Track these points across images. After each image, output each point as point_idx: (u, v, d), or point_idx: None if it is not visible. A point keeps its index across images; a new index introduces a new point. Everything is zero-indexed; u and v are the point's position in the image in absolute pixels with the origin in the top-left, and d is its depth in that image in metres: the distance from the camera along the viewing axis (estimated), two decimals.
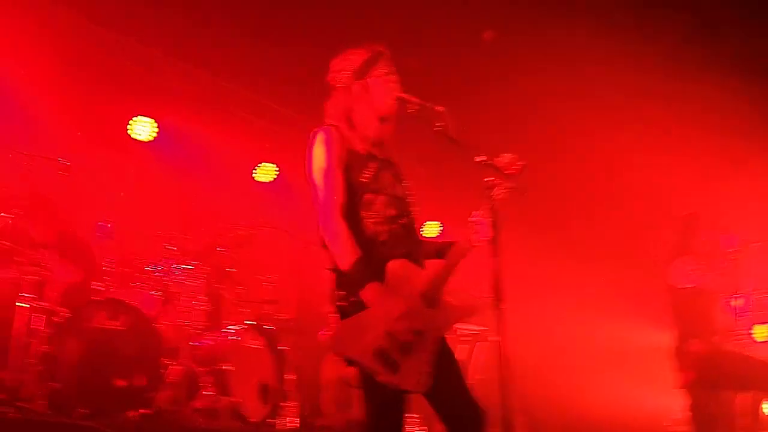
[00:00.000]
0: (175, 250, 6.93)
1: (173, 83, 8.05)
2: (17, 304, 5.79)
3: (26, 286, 5.88)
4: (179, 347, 6.46)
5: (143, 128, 8.15)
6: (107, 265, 6.61)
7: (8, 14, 6.89)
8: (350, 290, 3.33)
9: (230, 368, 6.52)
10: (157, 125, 8.19)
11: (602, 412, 8.36)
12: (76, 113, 7.51)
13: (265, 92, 8.59)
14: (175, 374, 6.24)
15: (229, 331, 6.86)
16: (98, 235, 7.07)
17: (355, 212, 3.44)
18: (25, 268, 5.91)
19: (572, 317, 8.96)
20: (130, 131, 8.09)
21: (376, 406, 3.34)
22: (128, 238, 7.22)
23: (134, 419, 5.66)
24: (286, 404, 6.71)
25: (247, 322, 6.98)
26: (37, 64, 7.19)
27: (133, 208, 7.54)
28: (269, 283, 7.50)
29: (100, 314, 5.90)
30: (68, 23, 7.17)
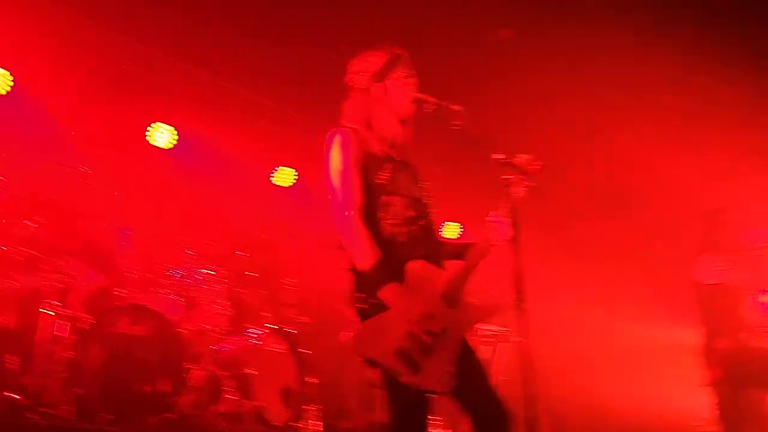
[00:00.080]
0: (196, 255, 6.96)
1: (190, 90, 8.07)
2: (41, 311, 5.84)
3: (50, 293, 5.93)
4: (202, 352, 6.48)
5: (162, 135, 8.20)
6: (129, 271, 6.66)
7: (29, 25, 6.95)
8: (370, 292, 3.31)
9: (253, 372, 6.53)
10: (176, 132, 8.24)
11: (627, 411, 8.30)
12: (96, 121, 7.56)
13: (281, 97, 8.60)
14: (198, 379, 6.25)
15: (251, 335, 6.86)
16: (120, 241, 7.13)
17: (372, 214, 3.43)
18: (48, 275, 5.97)
19: (595, 316, 8.90)
20: (148, 138, 8.13)
21: (399, 407, 3.32)
22: (150, 243, 7.26)
23: (157, 424, 5.68)
24: (308, 407, 6.71)
25: (268, 325, 6.99)
26: (57, 73, 7.25)
27: (153, 213, 7.58)
28: (290, 286, 7.50)
29: (123, 320, 5.93)
30: (85, 32, 7.21)
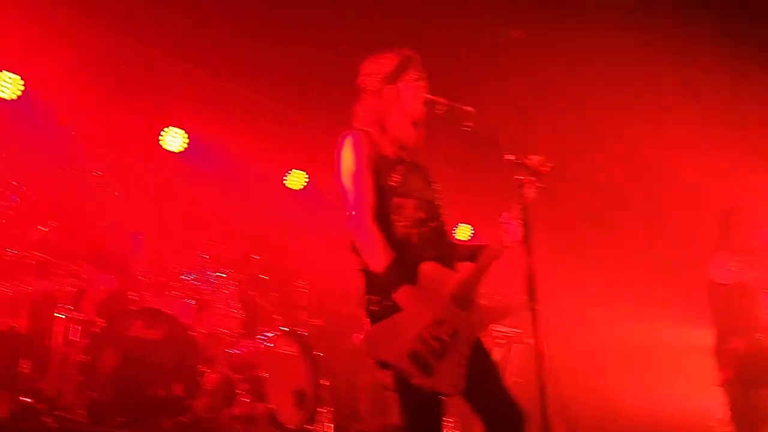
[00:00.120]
0: (208, 258, 6.97)
1: (200, 93, 8.10)
2: (55, 315, 5.87)
3: (64, 297, 5.95)
4: (215, 355, 6.48)
5: (174, 139, 8.23)
6: (143, 274, 6.68)
7: (40, 31, 6.99)
8: (382, 293, 3.31)
9: (266, 375, 6.52)
10: (187, 136, 8.26)
11: (639, 412, 8.27)
12: (107, 125, 7.58)
13: (291, 100, 8.62)
14: (211, 382, 6.26)
15: (264, 337, 6.87)
16: (133, 245, 7.17)
17: (385, 216, 3.42)
18: (62, 279, 5.99)
19: (608, 316, 8.87)
20: (161, 142, 8.16)
21: (411, 409, 3.32)
22: (162, 247, 7.27)
23: (171, 428, 5.68)
24: (321, 410, 6.71)
25: (281, 328, 7.00)
26: (67, 78, 7.29)
27: (166, 217, 7.60)
28: (302, 288, 7.51)
29: (136, 324, 5.95)
30: (95, 36, 7.24)
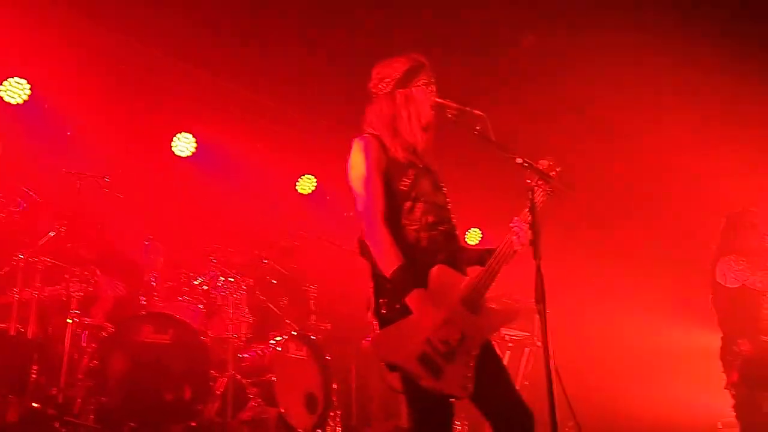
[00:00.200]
0: (219, 263, 6.98)
1: (210, 97, 8.13)
2: (66, 321, 5.89)
3: (74, 302, 5.97)
4: (225, 359, 6.48)
5: (186, 145, 8.27)
6: (153, 279, 6.70)
7: (45, 35, 7.05)
8: (392, 297, 3.32)
9: (276, 379, 6.53)
10: (195, 140, 8.29)
11: (650, 414, 8.26)
12: (115, 130, 7.62)
13: (300, 105, 8.65)
14: (222, 386, 6.28)
15: (274, 342, 6.87)
16: (144, 249, 7.19)
17: (396, 220, 3.44)
18: (73, 284, 6.01)
19: (616, 319, 8.87)
20: (174, 147, 8.19)
21: (419, 411, 3.33)
22: (174, 252, 7.30)
23: None
24: (332, 413, 6.72)
25: (291, 332, 7.01)
26: (76, 83, 7.33)
27: (177, 222, 7.63)
28: (312, 292, 7.53)
29: (147, 328, 5.97)
30: (101, 40, 7.30)
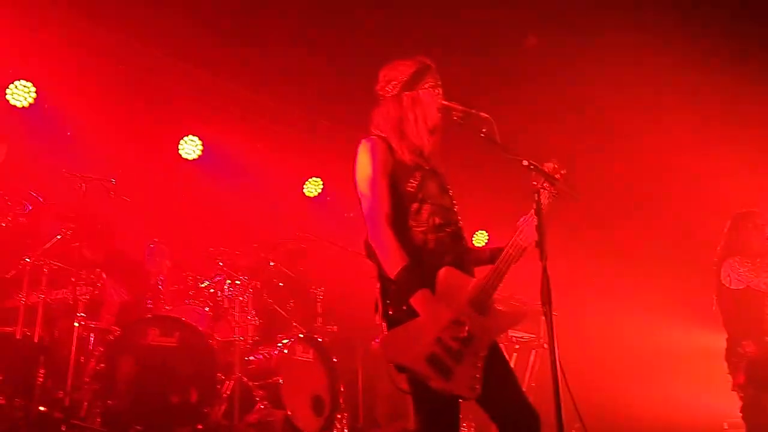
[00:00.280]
0: (225, 265, 7.01)
1: (220, 101, 8.16)
2: (74, 324, 5.91)
3: (81, 305, 5.97)
4: (232, 362, 6.50)
5: (192, 147, 8.29)
6: (160, 282, 6.72)
7: (51, 37, 7.08)
8: (398, 299, 3.33)
9: (283, 382, 6.53)
10: (201, 143, 8.31)
11: (656, 416, 8.25)
12: (121, 132, 7.64)
13: (305, 107, 8.67)
14: (229, 389, 6.29)
15: (281, 344, 6.89)
16: (149, 252, 7.22)
17: (403, 222, 3.45)
18: (79, 287, 6.00)
19: (616, 319, 8.88)
20: (181, 150, 8.21)
21: (426, 412, 3.34)
22: (180, 255, 7.31)
23: None
24: (339, 415, 6.73)
25: (298, 335, 7.02)
26: (82, 85, 7.36)
27: (184, 225, 7.64)
28: (320, 295, 7.55)
29: (154, 331, 5.98)
30: (106, 42, 7.33)
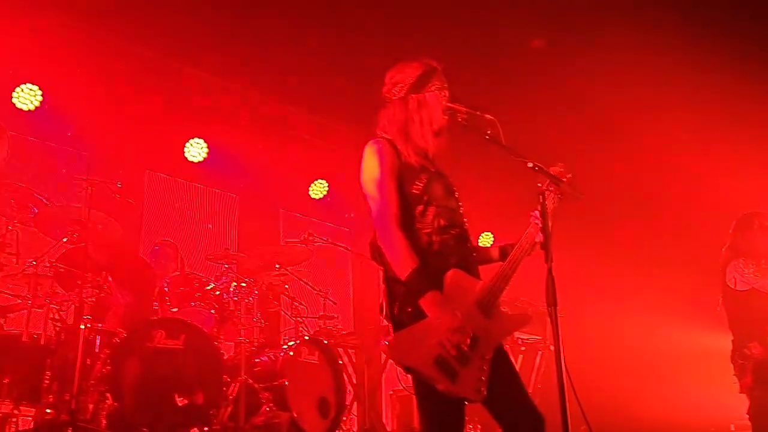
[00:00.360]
0: (231, 268, 7.01)
1: (225, 104, 8.17)
2: (79, 326, 5.90)
3: (87, 308, 5.97)
4: (239, 364, 6.50)
5: (198, 150, 8.30)
6: (166, 284, 6.72)
7: (57, 41, 7.10)
8: (406, 300, 3.33)
9: (288, 384, 6.52)
10: (206, 146, 8.32)
11: (662, 417, 8.24)
12: (128, 135, 7.66)
13: (310, 109, 8.68)
14: (234, 391, 6.29)
15: (286, 346, 6.89)
16: (154, 254, 7.23)
17: (408, 223, 3.45)
18: (85, 290, 6.00)
19: (617, 319, 8.87)
20: (186, 153, 8.22)
21: (431, 414, 3.35)
22: (186, 257, 7.32)
23: None
24: (346, 418, 6.73)
25: (304, 337, 7.02)
26: (92, 90, 7.38)
27: (190, 227, 7.66)
28: (326, 297, 7.54)
29: (159, 334, 5.95)
30: (111, 45, 7.35)
